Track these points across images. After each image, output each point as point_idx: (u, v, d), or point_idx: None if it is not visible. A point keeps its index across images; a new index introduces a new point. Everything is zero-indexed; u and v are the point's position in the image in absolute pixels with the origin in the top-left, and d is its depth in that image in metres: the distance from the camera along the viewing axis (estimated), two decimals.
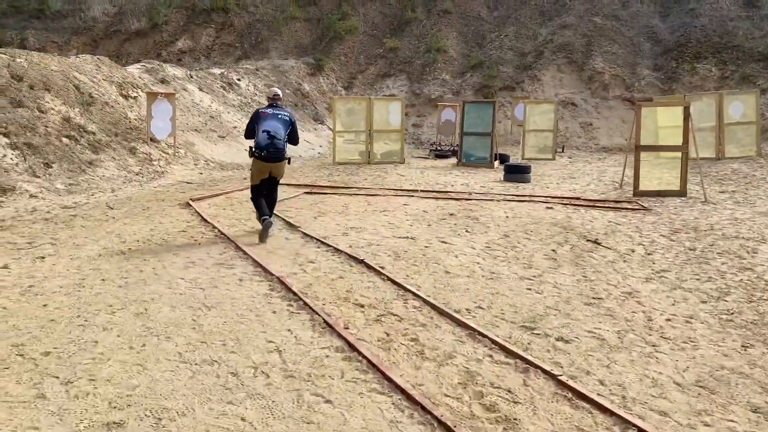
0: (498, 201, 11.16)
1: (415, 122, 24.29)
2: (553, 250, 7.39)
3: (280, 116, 8.13)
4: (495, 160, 17.87)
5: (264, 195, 8.36)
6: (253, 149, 8.07)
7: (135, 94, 16.38)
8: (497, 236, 8.08)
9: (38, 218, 8.73)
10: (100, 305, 5.06)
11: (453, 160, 19.65)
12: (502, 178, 14.90)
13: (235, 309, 5.03)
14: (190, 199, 10.32)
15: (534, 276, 6.22)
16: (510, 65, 25.12)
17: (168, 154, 14.80)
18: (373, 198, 11.30)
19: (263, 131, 8.02)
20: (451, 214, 9.62)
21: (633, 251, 7.54)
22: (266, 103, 8.53)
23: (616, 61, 24.18)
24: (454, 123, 20.96)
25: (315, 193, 11.77)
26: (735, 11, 25.37)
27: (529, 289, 5.76)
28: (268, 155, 8.05)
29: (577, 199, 11.73)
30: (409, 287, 5.58)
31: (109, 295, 5.32)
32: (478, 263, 6.66)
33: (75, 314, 4.84)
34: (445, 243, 7.59)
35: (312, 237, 7.78)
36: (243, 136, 9.18)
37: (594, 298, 5.56)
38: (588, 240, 8.02)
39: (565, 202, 11.28)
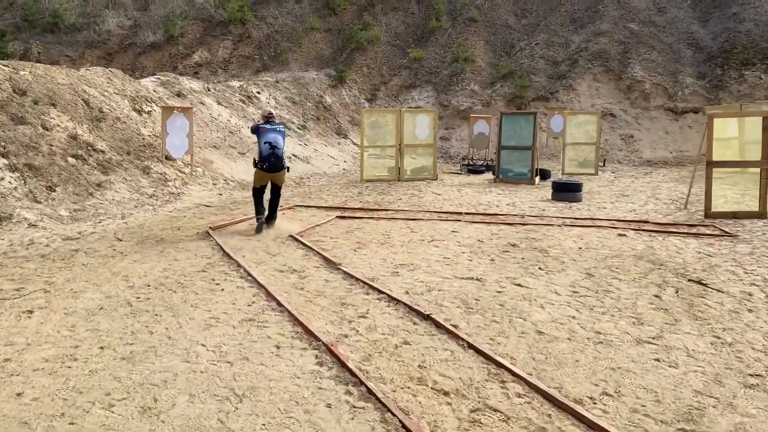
0: (558, 226, 9.77)
1: (443, 135, 22.96)
2: (657, 296, 5.99)
3: (277, 129, 9.18)
4: (536, 176, 16.50)
5: (265, 197, 9.41)
6: (256, 160, 9.07)
7: (149, 109, 15.22)
8: (580, 276, 6.70)
9: (34, 254, 7.48)
10: (93, 393, 3.76)
11: (487, 176, 18.30)
12: (550, 197, 13.52)
13: (276, 399, 3.69)
14: (210, 228, 9.05)
15: (653, 338, 4.83)
16: (542, 74, 23.76)
17: (185, 173, 13.58)
18: (414, 223, 9.95)
19: (265, 142, 8.97)
20: (512, 245, 8.25)
21: (750, 295, 6.12)
22: (262, 121, 9.41)
23: (656, 69, 22.73)
24: (487, 136, 19.61)
25: (349, 217, 10.46)
26: None
27: (658, 361, 4.37)
28: (270, 166, 9.01)
29: (646, 222, 10.32)
30: (501, 360, 4.22)
31: (107, 376, 4.02)
32: (573, 317, 5.28)
33: (57, 411, 3.53)
34: (521, 286, 6.22)
35: (357, 279, 6.43)
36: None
37: (752, 375, 4.17)
38: (690, 280, 6.61)
39: (633, 227, 9.87)
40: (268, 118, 9.29)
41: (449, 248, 8.03)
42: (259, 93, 21.35)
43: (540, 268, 6.97)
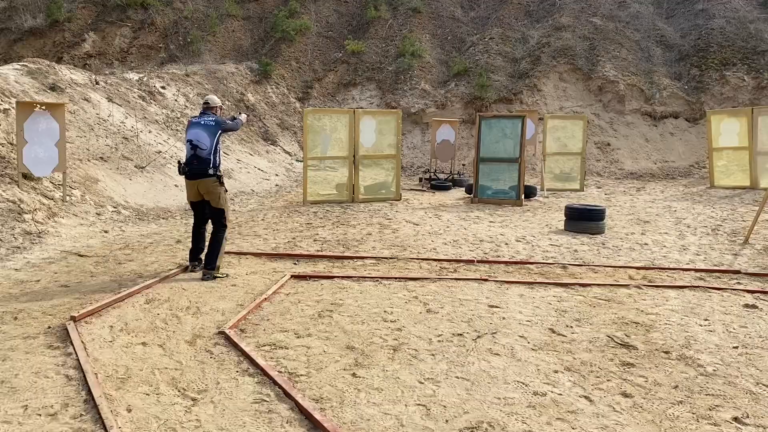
0: (637, 288, 6.36)
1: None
2: None
3: (203, 122, 6.71)
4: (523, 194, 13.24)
5: (201, 225, 6.97)
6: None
7: (6, 106, 10.78)
8: None
9: None
10: None
11: (455, 193, 14.89)
12: (563, 227, 10.22)
13: None
14: (73, 318, 5.02)
15: None
16: (502, 73, 20.66)
17: (52, 200, 9.31)
18: (420, 288, 6.28)
19: (187, 141, 6.69)
20: (618, 341, 4.73)
21: None
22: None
23: (629, 69, 20.13)
24: (453, 144, 16.18)
25: (312, 277, 6.65)
26: (751, 12, 21.89)
27: None
28: (191, 170, 6.62)
29: (737, 273, 7.13)
30: None
31: None
32: None
33: None
34: None
35: None
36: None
37: None
38: None
39: (729, 283, 6.65)
40: (203, 108, 6.99)
41: (517, 354, 4.43)
42: (164, 88, 17.04)
43: (740, 417, 3.47)
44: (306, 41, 23.44)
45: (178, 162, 6.78)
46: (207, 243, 6.85)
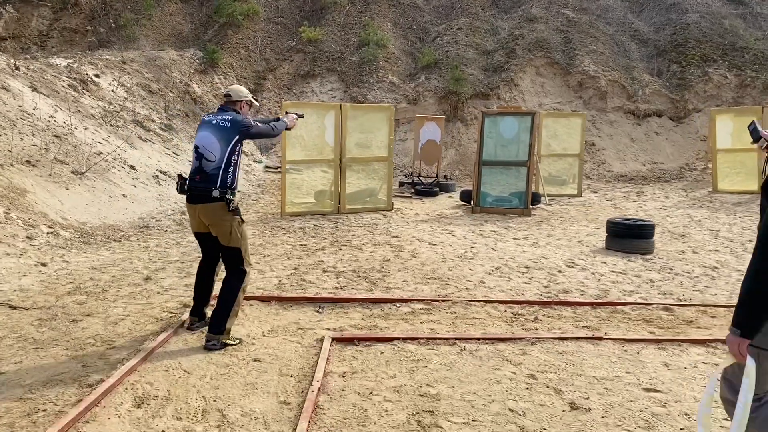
0: None
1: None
2: None
3: (215, 122, 4.56)
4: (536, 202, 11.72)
5: (210, 266, 4.80)
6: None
7: None
8: None
9: None
10: None
11: (444, 200, 13.20)
12: (605, 245, 8.68)
13: None
14: None
15: None
16: (475, 66, 19.09)
17: None
18: (520, 355, 4.50)
19: (193, 148, 4.62)
20: None
21: None
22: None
23: (608, 64, 19.00)
24: (439, 144, 14.43)
25: (360, 340, 4.72)
26: (723, 8, 21.27)
27: None
28: (192, 192, 4.51)
29: None
30: None
31: None
32: None
33: None
34: None
35: None
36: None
37: None
38: None
39: None
40: (223, 101, 4.82)
41: None
42: (98, 76, 14.50)
43: None
44: (255, 27, 21.15)
45: (178, 177, 4.67)
46: (214, 291, 4.85)
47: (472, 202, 11.72)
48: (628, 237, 8.47)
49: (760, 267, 2.18)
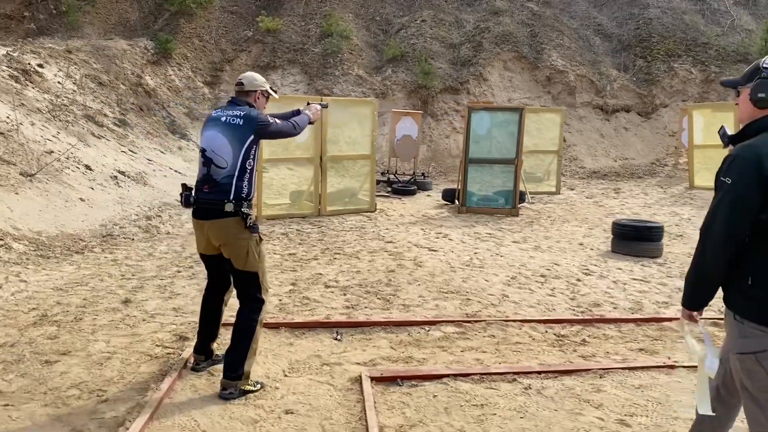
0: None
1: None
2: None
3: (226, 119, 3.71)
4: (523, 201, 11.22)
5: (218, 292, 3.98)
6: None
7: None
8: None
9: None
10: None
11: (424, 198, 12.57)
12: (611, 247, 8.22)
13: None
14: None
15: None
16: (442, 59, 18.50)
17: None
18: (594, 393, 3.88)
19: (200, 151, 3.80)
20: None
21: None
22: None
23: (575, 58, 18.73)
24: (415, 140, 13.74)
25: (402, 378, 3.99)
26: (682, 3, 21.35)
27: None
28: (200, 205, 3.70)
29: None
30: None
31: None
32: None
33: None
34: None
35: None
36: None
37: None
38: None
39: None
40: (235, 92, 3.94)
41: None
42: (42, 66, 13.20)
43: None
44: (209, 16, 19.95)
45: (183, 187, 3.84)
46: (223, 323, 4.03)
47: (457, 202, 11.12)
48: (637, 240, 8.01)
49: (696, 262, 2.30)
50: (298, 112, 4.24)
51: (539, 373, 4.05)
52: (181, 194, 3.78)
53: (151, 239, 8.14)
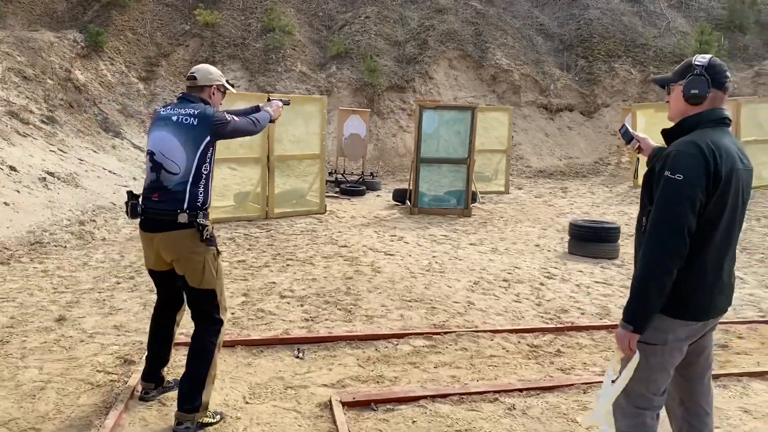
0: None
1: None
2: None
3: (177, 118, 3.27)
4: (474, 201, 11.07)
5: (169, 312, 3.56)
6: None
7: None
8: None
9: None
10: None
11: (373, 199, 12.29)
12: (568, 249, 8.13)
13: None
14: None
15: None
16: (387, 57, 18.24)
17: None
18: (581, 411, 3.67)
19: (147, 154, 3.35)
20: None
21: None
22: None
23: (519, 57, 18.81)
24: (363, 139, 13.40)
25: (377, 402, 3.66)
26: (620, 5, 21.81)
27: None
28: (148, 215, 3.28)
29: None
30: None
31: None
32: None
33: None
34: None
35: None
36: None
37: None
38: None
39: None
40: (187, 87, 3.49)
41: None
42: None
43: None
44: (143, 8, 19.03)
45: (129, 195, 3.37)
46: (173, 345, 3.61)
47: (409, 203, 10.86)
48: (594, 241, 7.94)
49: (648, 261, 2.19)
50: (257, 109, 3.84)
51: (521, 390, 3.79)
52: (126, 203, 3.33)
53: (86, 246, 7.52)
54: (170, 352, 3.64)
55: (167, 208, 3.22)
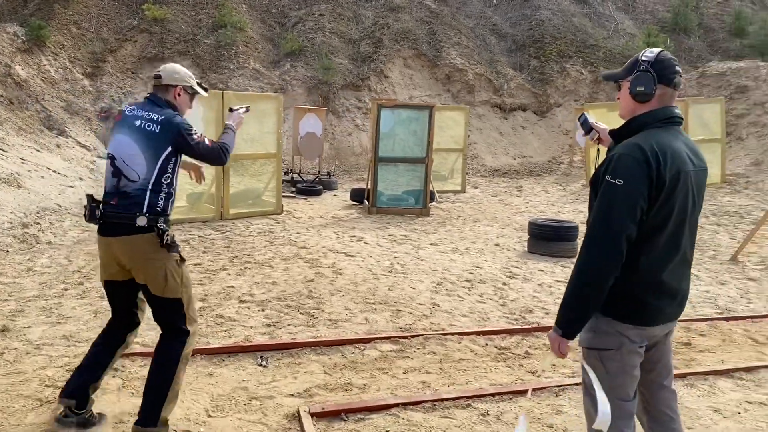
0: None
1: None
2: None
3: (140, 123, 3.08)
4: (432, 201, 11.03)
5: (117, 333, 3.29)
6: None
7: None
8: None
9: None
10: None
11: (330, 199, 12.14)
12: (528, 248, 8.16)
13: None
14: None
15: None
16: (342, 55, 18.06)
17: None
18: (557, 418, 3.61)
19: (107, 157, 3.12)
20: None
21: None
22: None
23: (473, 57, 18.91)
24: (320, 138, 13.19)
25: (346, 412, 3.51)
26: (570, 6, 22.19)
27: None
28: (107, 219, 3.04)
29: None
30: None
31: None
32: None
33: None
34: None
35: None
36: None
37: None
38: None
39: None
40: (153, 87, 3.29)
41: None
42: None
43: None
44: (88, 2, 18.32)
45: (88, 198, 3.10)
46: (112, 363, 3.35)
47: (367, 202, 10.74)
48: (554, 240, 7.99)
49: (583, 266, 2.13)
50: (225, 130, 3.53)
51: (493, 395, 3.72)
52: (85, 206, 3.09)
53: (30, 251, 7.14)
54: (105, 372, 3.31)
55: (126, 211, 3.01)
